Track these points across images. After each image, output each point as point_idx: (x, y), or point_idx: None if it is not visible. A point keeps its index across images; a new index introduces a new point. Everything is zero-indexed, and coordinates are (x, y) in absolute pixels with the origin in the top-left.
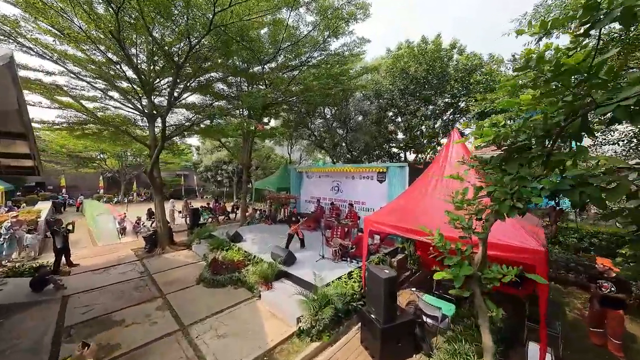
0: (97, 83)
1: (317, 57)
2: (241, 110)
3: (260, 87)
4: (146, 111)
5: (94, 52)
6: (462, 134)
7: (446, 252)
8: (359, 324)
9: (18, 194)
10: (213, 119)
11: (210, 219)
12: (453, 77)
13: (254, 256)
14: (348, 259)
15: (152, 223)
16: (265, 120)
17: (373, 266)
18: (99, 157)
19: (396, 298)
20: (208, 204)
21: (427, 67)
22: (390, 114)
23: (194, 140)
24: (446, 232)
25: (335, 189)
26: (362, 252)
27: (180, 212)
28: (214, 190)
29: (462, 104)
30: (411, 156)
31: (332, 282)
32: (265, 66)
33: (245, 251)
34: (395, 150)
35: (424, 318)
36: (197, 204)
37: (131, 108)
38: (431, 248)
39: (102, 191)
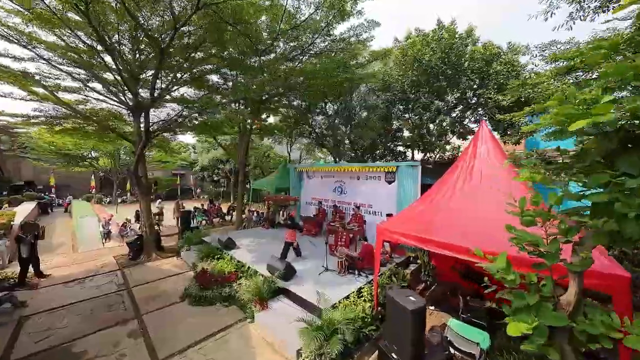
0: (79, 74)
1: (320, 44)
2: (237, 105)
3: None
4: (131, 104)
5: (69, 36)
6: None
7: (512, 285)
8: (374, 354)
9: (5, 193)
10: (203, 112)
11: (203, 222)
12: (470, 67)
13: (248, 267)
14: (356, 272)
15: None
16: (264, 116)
17: (395, 291)
18: (90, 155)
19: (424, 332)
20: (202, 205)
21: (442, 55)
22: (401, 107)
23: (189, 139)
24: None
25: (338, 190)
26: (371, 264)
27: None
28: (210, 190)
29: (474, 100)
30: (418, 155)
31: (339, 302)
32: (263, 58)
33: (238, 261)
34: (400, 148)
35: (452, 349)
36: (193, 204)
37: (115, 101)
38: (486, 279)
39: (94, 191)
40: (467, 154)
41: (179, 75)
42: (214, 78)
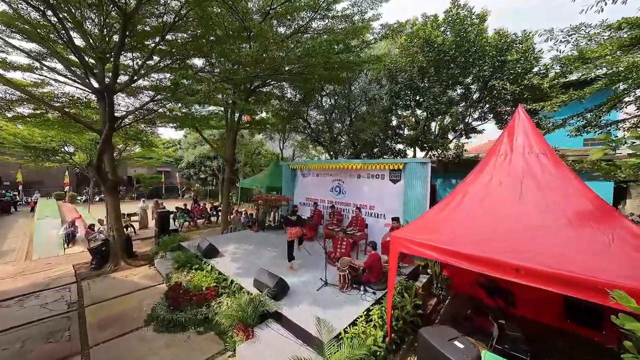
0: (31, 52)
1: (319, 21)
2: (223, 96)
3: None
4: (96, 87)
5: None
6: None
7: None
8: None
9: None
10: (178, 95)
11: (186, 224)
12: (485, 54)
13: (232, 281)
14: (361, 288)
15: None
16: (254, 107)
17: (430, 330)
18: (63, 149)
19: None
20: (185, 204)
21: (455, 38)
22: (409, 98)
23: (176, 133)
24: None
25: (336, 189)
26: (379, 277)
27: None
28: (197, 188)
29: (482, 92)
30: (420, 154)
31: (345, 332)
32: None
33: (220, 273)
34: (400, 146)
35: None
36: (178, 204)
37: (79, 83)
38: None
39: (68, 188)
40: (500, 147)
41: (157, 58)
42: (199, 63)
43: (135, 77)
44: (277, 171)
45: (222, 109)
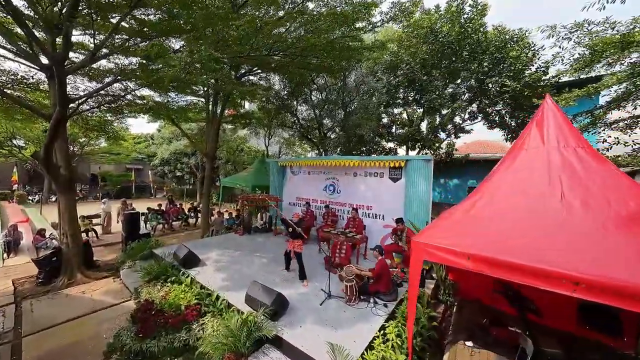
0: None
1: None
2: (206, 90)
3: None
4: (45, 63)
5: None
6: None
7: None
8: None
9: None
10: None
11: (160, 226)
12: (486, 49)
13: (217, 297)
14: (371, 300)
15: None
16: (238, 98)
17: None
18: (9, 142)
19: None
20: (160, 205)
21: (460, 29)
22: (410, 91)
23: (146, 126)
24: None
25: (329, 188)
26: (388, 287)
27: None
28: (172, 187)
29: (467, 94)
30: (412, 153)
31: (363, 358)
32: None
33: (202, 287)
34: (391, 145)
35: None
36: (148, 204)
37: (22, 57)
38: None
39: (16, 187)
40: (528, 141)
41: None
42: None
43: (96, 56)
44: (262, 168)
45: (203, 99)
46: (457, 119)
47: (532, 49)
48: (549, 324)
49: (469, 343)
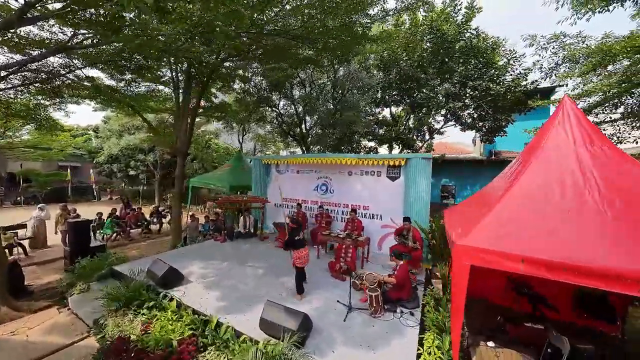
0: None
1: None
2: (175, 74)
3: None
4: None
5: None
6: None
7: None
8: None
9: None
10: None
11: (114, 236)
12: (477, 53)
13: (218, 323)
14: (398, 310)
15: None
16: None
17: None
18: None
19: None
20: (114, 209)
21: (457, 29)
22: (404, 89)
23: (85, 116)
24: None
25: (322, 188)
26: (410, 293)
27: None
28: (123, 189)
29: (441, 99)
30: (395, 152)
31: None
32: None
33: (195, 311)
34: (372, 144)
35: None
36: (93, 210)
37: None
38: None
39: None
40: (546, 142)
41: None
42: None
43: (25, 16)
44: (240, 167)
45: (167, 87)
46: (432, 120)
47: (514, 55)
48: (563, 318)
49: (491, 343)
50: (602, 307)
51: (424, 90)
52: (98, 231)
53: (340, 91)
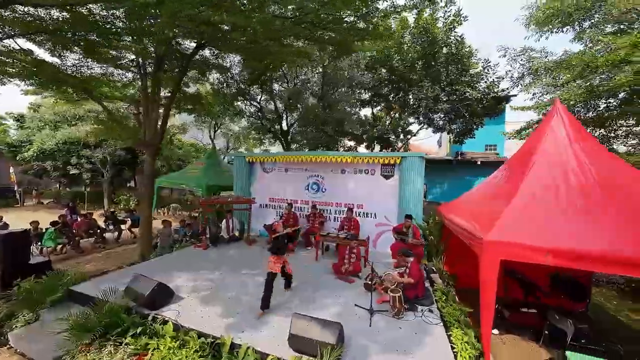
0: None
1: None
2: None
3: None
4: None
5: None
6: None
7: None
8: None
9: None
10: None
11: (61, 248)
12: (460, 59)
13: (233, 344)
14: (419, 309)
15: None
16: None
17: None
18: None
19: None
20: (61, 216)
21: (445, 35)
22: (395, 89)
23: (9, 102)
24: None
25: (313, 187)
26: (424, 290)
27: None
28: (60, 191)
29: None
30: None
31: None
32: None
33: (200, 334)
34: (351, 144)
35: None
36: (17, 218)
37: None
38: None
39: None
40: (544, 143)
41: None
42: None
43: None
44: (215, 165)
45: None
46: (405, 123)
47: (488, 64)
48: (548, 302)
49: (495, 331)
50: (575, 288)
51: (415, 91)
52: (34, 244)
53: (330, 88)
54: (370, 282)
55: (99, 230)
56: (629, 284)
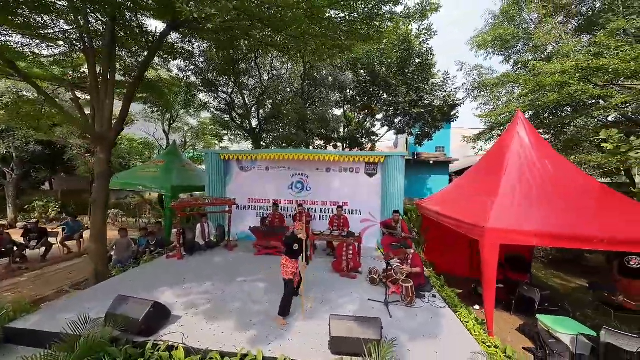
0: None
1: None
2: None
3: None
4: None
5: None
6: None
7: None
8: None
9: None
10: None
11: None
12: (428, 69)
13: (265, 358)
14: (426, 295)
15: None
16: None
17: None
18: None
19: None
20: None
21: (419, 46)
22: (374, 93)
23: None
24: None
25: (297, 186)
26: (423, 278)
27: None
28: None
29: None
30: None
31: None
32: None
33: (223, 354)
34: (321, 142)
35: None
36: None
37: None
38: None
39: None
40: (512, 144)
41: None
42: None
43: None
44: (175, 164)
45: (76, 45)
46: (373, 123)
47: (448, 76)
48: (510, 276)
49: (477, 307)
50: (521, 263)
51: (392, 95)
52: None
53: (312, 83)
54: (375, 277)
55: (15, 248)
56: (547, 257)
